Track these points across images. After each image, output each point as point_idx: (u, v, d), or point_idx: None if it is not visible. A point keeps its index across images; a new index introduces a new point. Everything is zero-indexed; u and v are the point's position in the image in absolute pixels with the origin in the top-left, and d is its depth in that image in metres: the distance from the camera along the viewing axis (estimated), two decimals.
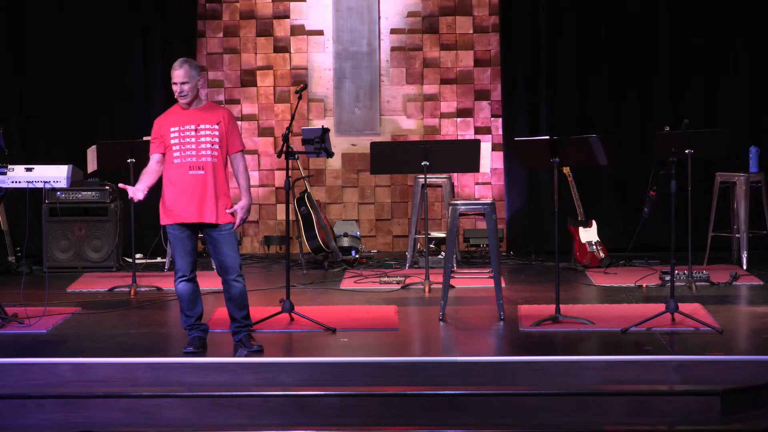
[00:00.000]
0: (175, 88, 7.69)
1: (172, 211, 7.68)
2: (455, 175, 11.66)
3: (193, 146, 7.65)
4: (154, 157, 7.74)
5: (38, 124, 11.72)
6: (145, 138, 10.53)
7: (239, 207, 7.74)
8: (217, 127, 7.69)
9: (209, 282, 10.44)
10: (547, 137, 8.58)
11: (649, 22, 11.66)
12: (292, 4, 12.02)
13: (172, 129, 7.67)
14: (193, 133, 7.65)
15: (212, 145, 7.67)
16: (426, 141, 10.89)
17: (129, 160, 9.81)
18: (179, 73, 7.66)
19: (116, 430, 7.03)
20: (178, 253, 7.77)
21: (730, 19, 11.59)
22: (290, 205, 10.12)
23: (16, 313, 8.58)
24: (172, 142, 7.66)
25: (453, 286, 9.62)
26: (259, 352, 7.69)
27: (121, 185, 7.83)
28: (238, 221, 7.75)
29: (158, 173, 7.74)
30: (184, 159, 7.65)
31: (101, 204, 11.08)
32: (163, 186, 7.75)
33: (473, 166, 10.16)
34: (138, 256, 10.73)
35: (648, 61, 11.66)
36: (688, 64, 11.65)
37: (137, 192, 7.67)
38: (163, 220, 7.76)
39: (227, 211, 7.72)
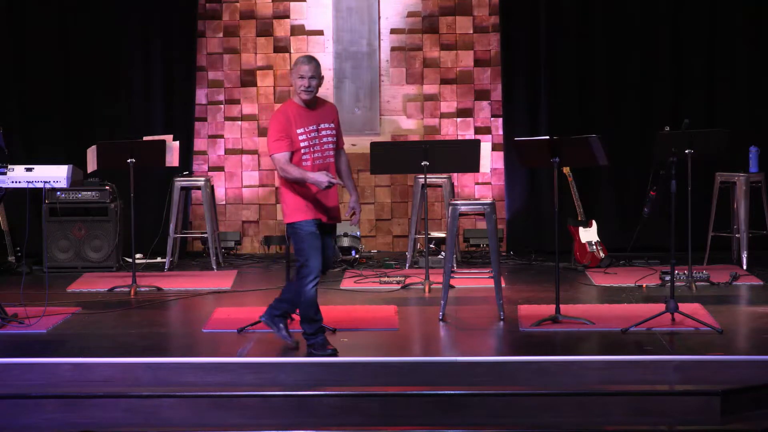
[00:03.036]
0: (302, 82, 7.49)
1: (313, 207, 7.54)
2: (455, 175, 11.66)
3: (318, 146, 7.58)
4: (287, 155, 7.47)
5: (38, 124, 11.72)
6: (145, 138, 10.57)
7: (355, 203, 7.68)
8: (333, 125, 7.66)
9: (209, 282, 10.45)
10: (547, 137, 8.58)
11: (649, 22, 11.66)
12: (292, 4, 12.02)
13: (298, 131, 7.53)
14: (315, 133, 7.57)
15: (331, 144, 7.65)
16: (426, 141, 10.88)
17: (129, 160, 9.79)
18: (310, 67, 7.51)
19: (116, 430, 7.03)
20: (314, 252, 7.52)
21: (730, 18, 11.60)
22: None
23: (16, 313, 8.58)
24: (302, 144, 7.52)
25: (453, 286, 9.62)
26: (334, 353, 7.63)
27: (336, 180, 7.50)
28: (358, 217, 7.70)
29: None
30: (315, 161, 7.55)
31: (101, 204, 11.07)
32: (291, 185, 7.56)
33: (473, 166, 10.16)
34: (138, 256, 10.73)
35: (648, 61, 11.66)
36: (688, 64, 11.65)
37: (328, 180, 7.44)
38: (298, 216, 7.52)
39: (346, 214, 7.70)
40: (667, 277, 9.57)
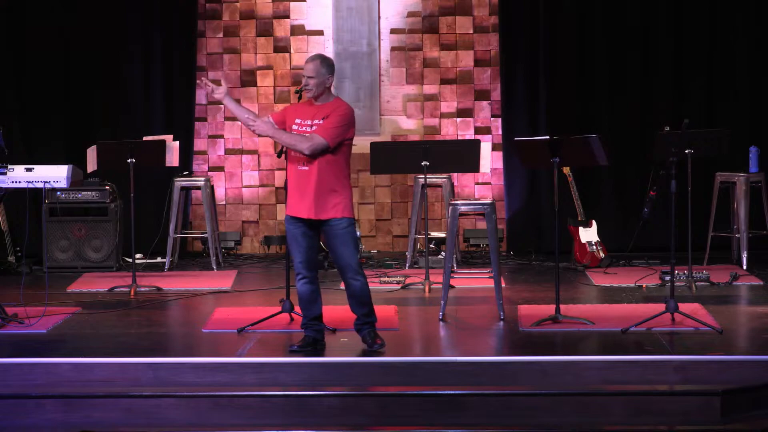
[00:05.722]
0: (303, 80, 7.71)
1: (288, 204, 7.72)
2: (455, 175, 11.66)
3: None
4: (271, 117, 7.77)
5: (38, 124, 11.72)
6: (145, 138, 10.57)
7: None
8: (322, 122, 7.65)
9: (209, 282, 10.45)
10: (547, 137, 8.58)
11: (649, 22, 11.66)
12: (292, 4, 12.02)
13: (296, 120, 7.70)
14: (308, 129, 7.63)
15: None
16: (426, 141, 10.88)
17: (129, 160, 9.79)
18: (308, 66, 7.66)
19: (116, 430, 7.03)
20: (293, 251, 7.75)
21: (730, 18, 11.60)
22: None
23: (16, 313, 8.58)
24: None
25: (453, 286, 9.62)
26: (379, 352, 7.66)
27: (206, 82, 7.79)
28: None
29: (259, 119, 7.68)
30: (295, 153, 7.66)
31: (101, 204, 11.08)
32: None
33: (473, 166, 10.16)
34: (138, 256, 10.73)
35: (648, 61, 11.66)
36: (688, 64, 11.65)
37: (219, 89, 7.71)
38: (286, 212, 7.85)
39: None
40: (667, 277, 9.57)
